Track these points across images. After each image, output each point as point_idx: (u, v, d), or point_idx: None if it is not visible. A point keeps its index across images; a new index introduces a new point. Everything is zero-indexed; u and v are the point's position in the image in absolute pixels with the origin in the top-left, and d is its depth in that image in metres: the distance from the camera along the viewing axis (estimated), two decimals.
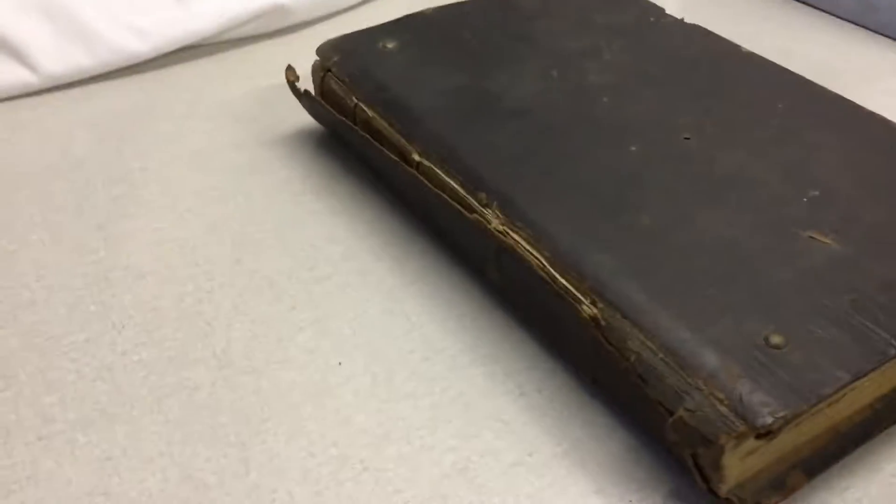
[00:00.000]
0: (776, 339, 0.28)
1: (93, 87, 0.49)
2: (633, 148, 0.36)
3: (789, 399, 0.26)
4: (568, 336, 0.32)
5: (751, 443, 0.26)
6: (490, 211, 0.34)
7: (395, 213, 0.40)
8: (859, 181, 0.34)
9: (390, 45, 0.43)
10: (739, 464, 0.27)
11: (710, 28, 0.45)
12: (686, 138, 0.37)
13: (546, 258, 0.32)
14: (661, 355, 0.28)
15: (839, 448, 0.29)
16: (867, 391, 0.29)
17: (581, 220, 0.33)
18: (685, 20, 0.46)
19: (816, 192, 0.34)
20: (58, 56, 0.48)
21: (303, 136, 0.45)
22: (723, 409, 0.26)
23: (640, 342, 0.28)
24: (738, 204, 0.33)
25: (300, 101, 0.44)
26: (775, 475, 0.28)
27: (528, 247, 0.32)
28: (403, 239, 0.39)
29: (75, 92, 0.49)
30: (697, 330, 0.28)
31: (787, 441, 0.27)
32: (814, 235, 0.32)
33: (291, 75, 0.43)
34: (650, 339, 0.28)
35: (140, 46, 0.50)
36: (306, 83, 0.44)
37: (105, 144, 0.45)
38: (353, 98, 0.41)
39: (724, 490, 0.27)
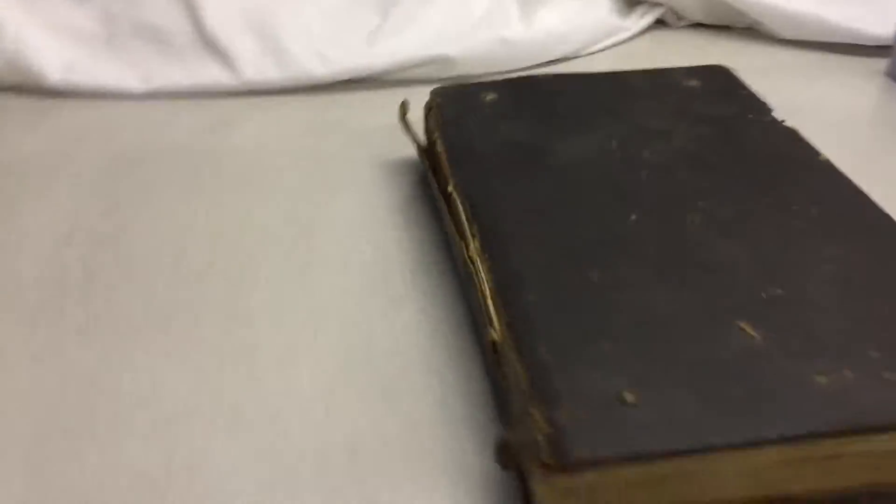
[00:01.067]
0: (630, 397, 0.28)
1: (275, 98, 0.59)
2: (633, 217, 0.38)
3: (602, 447, 0.27)
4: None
5: (565, 479, 0.27)
6: (474, 240, 0.37)
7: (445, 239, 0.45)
8: (839, 296, 0.33)
9: (489, 98, 0.48)
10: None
11: (841, 131, 0.45)
12: (691, 221, 0.37)
13: (491, 288, 0.35)
14: (523, 385, 0.30)
15: None
16: (734, 484, 0.28)
17: (543, 266, 0.35)
18: (786, 122, 0.46)
19: (780, 292, 0.33)
20: (255, 66, 0.59)
21: (412, 164, 0.52)
22: (542, 439, 0.28)
23: (514, 366, 0.30)
24: (695, 285, 0.34)
25: (404, 131, 0.50)
26: None
27: (483, 275, 0.35)
28: (438, 260, 0.43)
29: (258, 99, 0.59)
30: (564, 371, 0.30)
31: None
32: (745, 327, 0.31)
33: (403, 109, 0.50)
34: (522, 366, 0.30)
35: (322, 71, 0.59)
36: None
37: (249, 144, 0.54)
38: (436, 134, 0.46)
39: None
